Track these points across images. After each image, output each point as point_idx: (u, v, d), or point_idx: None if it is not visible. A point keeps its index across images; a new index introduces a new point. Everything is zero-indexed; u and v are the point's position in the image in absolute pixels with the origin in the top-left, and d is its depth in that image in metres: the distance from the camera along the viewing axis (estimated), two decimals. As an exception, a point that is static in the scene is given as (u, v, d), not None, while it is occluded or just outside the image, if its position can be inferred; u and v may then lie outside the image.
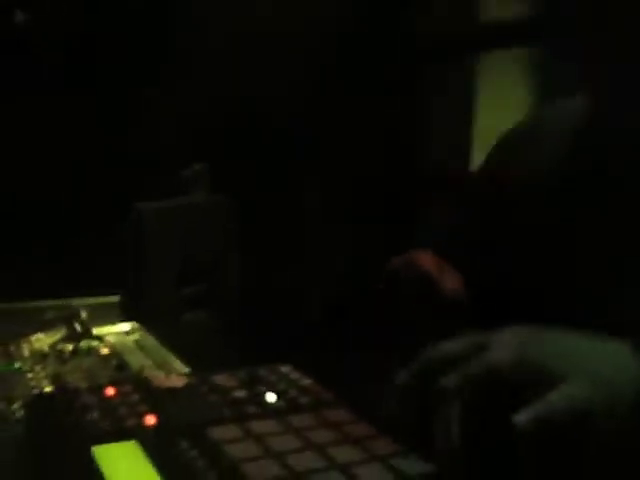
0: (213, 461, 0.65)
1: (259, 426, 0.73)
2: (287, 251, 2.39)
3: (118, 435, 0.70)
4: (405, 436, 0.68)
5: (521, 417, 0.56)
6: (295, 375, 0.90)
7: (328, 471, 0.64)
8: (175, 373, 0.88)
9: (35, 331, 1.16)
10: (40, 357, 1.07)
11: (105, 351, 1.11)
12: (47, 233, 2.01)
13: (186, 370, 1.02)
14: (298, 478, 0.62)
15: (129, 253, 2.07)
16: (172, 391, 0.82)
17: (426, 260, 0.95)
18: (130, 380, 0.90)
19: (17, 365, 1.04)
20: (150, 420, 0.74)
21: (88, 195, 2.19)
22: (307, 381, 0.88)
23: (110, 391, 0.82)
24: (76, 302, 1.30)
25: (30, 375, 1.00)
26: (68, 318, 1.22)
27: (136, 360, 1.09)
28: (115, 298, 1.35)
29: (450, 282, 0.92)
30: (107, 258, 2.04)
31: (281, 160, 2.46)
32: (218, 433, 0.71)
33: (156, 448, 0.67)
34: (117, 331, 1.26)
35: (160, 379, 0.86)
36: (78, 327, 1.20)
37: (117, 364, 1.06)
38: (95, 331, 1.20)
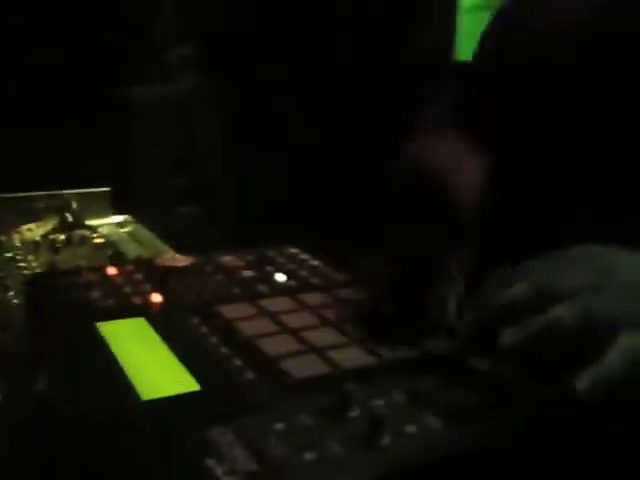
0: (226, 337, 0.61)
1: (271, 304, 0.70)
2: (278, 135, 2.29)
3: (124, 312, 0.66)
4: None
5: (581, 383, 0.51)
6: (304, 256, 0.86)
7: (348, 347, 0.61)
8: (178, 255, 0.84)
9: (26, 222, 1.12)
10: (32, 247, 1.03)
11: (99, 240, 1.07)
12: (38, 123, 1.91)
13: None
14: (319, 352, 0.59)
15: (119, 143, 2.00)
16: (177, 270, 0.78)
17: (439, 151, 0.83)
18: (131, 262, 0.86)
19: (9, 255, 1.00)
20: (156, 298, 0.70)
21: (76, 84, 2.07)
22: (316, 262, 0.84)
23: (112, 270, 0.78)
24: (67, 193, 1.24)
25: (23, 264, 0.97)
26: (59, 208, 1.18)
27: (131, 250, 1.05)
28: (106, 189, 1.30)
29: (468, 173, 0.81)
30: (98, 149, 1.96)
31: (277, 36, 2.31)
32: (229, 310, 0.68)
33: (165, 325, 0.64)
34: (110, 222, 1.22)
35: (163, 259, 0.82)
36: (69, 217, 1.16)
37: (113, 252, 1.02)
38: (87, 222, 1.16)
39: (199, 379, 0.54)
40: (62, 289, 0.72)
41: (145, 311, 0.67)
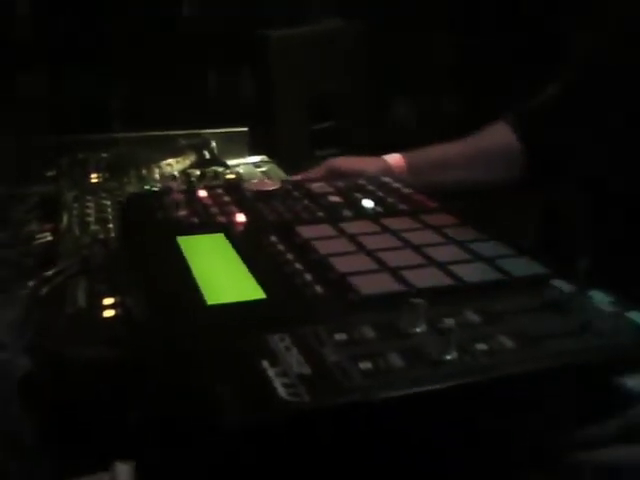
0: (301, 255, 0.60)
1: (353, 227, 0.68)
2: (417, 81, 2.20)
3: (205, 229, 0.67)
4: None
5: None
6: (397, 184, 0.83)
7: (425, 268, 0.58)
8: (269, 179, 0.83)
9: (167, 158, 1.15)
10: (169, 180, 1.06)
11: (231, 176, 1.09)
12: (181, 65, 1.94)
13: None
14: (393, 272, 0.57)
15: (258, 83, 1.99)
16: (264, 194, 0.78)
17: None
18: (223, 185, 0.87)
19: (147, 187, 1.03)
20: (239, 217, 0.70)
21: (217, 24, 2.06)
22: (408, 190, 0.81)
23: (202, 193, 0.79)
24: (206, 132, 1.28)
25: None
26: (199, 146, 1.22)
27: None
28: (245, 129, 1.32)
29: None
30: (239, 91, 1.96)
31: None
32: (309, 231, 0.66)
33: (243, 241, 0.64)
34: (247, 162, 1.23)
35: (253, 183, 0.82)
36: (207, 155, 1.20)
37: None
38: (225, 161, 1.18)
39: (266, 289, 0.53)
40: (152, 208, 0.74)
41: (226, 228, 0.67)
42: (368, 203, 0.76)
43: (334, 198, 0.77)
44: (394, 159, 0.93)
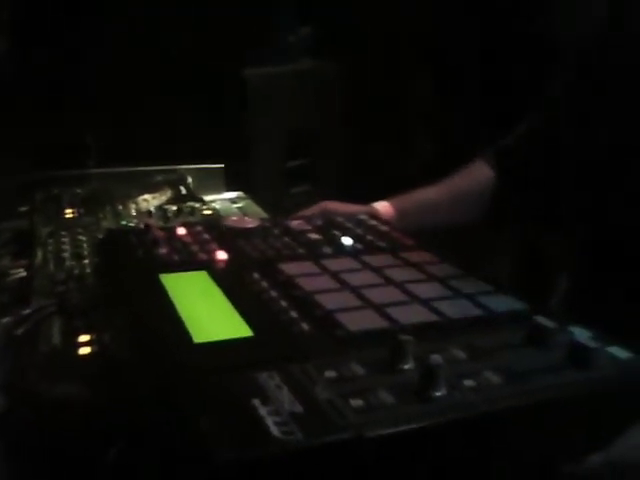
0: (285, 292, 0.60)
1: (334, 263, 0.69)
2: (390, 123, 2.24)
3: (187, 266, 0.67)
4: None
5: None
6: (373, 222, 0.84)
7: (409, 304, 0.59)
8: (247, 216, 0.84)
9: (144, 193, 1.15)
10: (145, 216, 1.06)
11: (207, 212, 1.09)
12: (156, 100, 1.94)
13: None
14: (377, 308, 0.57)
15: (235, 121, 2.00)
16: (243, 231, 0.78)
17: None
18: (200, 223, 0.87)
19: (123, 222, 1.03)
20: (221, 255, 0.70)
21: (196, 65, 2.07)
22: (385, 227, 0.82)
23: (181, 230, 0.79)
24: (183, 168, 1.28)
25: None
26: (175, 182, 1.22)
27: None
28: (221, 166, 1.32)
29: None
30: (214, 128, 1.96)
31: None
32: (291, 267, 0.67)
33: (225, 278, 0.64)
34: (223, 198, 1.24)
35: (232, 220, 0.82)
36: (183, 190, 1.20)
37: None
38: (201, 197, 1.18)
39: (253, 327, 0.53)
40: (132, 245, 0.73)
41: (208, 266, 0.67)
42: (347, 240, 0.76)
43: (313, 235, 0.78)
44: (382, 206, 0.96)
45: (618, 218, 0.86)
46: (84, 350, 0.67)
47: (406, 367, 0.48)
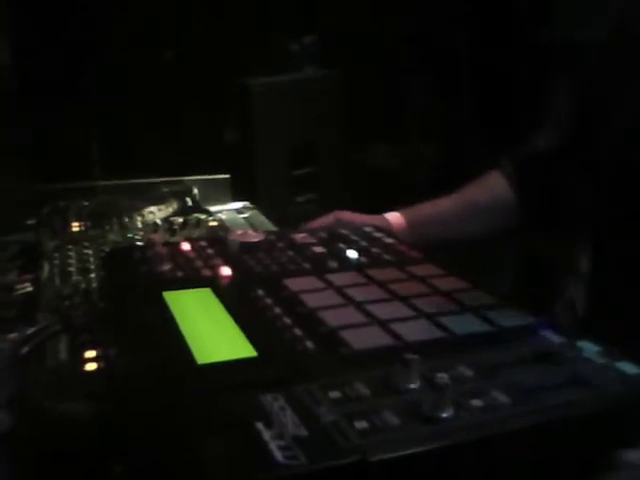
0: (289, 309, 0.60)
1: (339, 278, 0.68)
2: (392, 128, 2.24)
3: (191, 283, 0.66)
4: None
5: None
6: (378, 234, 0.84)
7: (415, 320, 0.58)
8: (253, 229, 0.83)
9: (150, 205, 1.15)
10: (152, 228, 1.06)
11: (213, 224, 1.09)
12: (162, 112, 1.94)
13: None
14: (382, 325, 0.57)
15: (239, 130, 2.01)
16: (248, 245, 0.78)
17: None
18: (206, 238, 0.87)
19: (130, 235, 1.03)
20: (225, 271, 0.70)
21: (199, 72, 2.08)
22: (391, 239, 0.81)
23: (185, 246, 0.78)
24: (188, 179, 1.29)
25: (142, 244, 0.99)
26: (181, 193, 1.23)
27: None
28: (226, 177, 1.32)
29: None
30: (219, 137, 1.97)
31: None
32: (296, 283, 0.66)
33: (229, 295, 0.63)
34: (229, 208, 1.23)
35: (236, 234, 0.81)
36: (189, 202, 1.20)
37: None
38: (207, 208, 1.18)
39: (257, 347, 0.53)
40: (136, 262, 0.73)
41: (212, 282, 0.66)
42: (352, 254, 0.76)
43: (318, 249, 0.78)
44: (393, 217, 0.95)
45: None
46: (90, 366, 0.67)
47: (412, 386, 0.47)
